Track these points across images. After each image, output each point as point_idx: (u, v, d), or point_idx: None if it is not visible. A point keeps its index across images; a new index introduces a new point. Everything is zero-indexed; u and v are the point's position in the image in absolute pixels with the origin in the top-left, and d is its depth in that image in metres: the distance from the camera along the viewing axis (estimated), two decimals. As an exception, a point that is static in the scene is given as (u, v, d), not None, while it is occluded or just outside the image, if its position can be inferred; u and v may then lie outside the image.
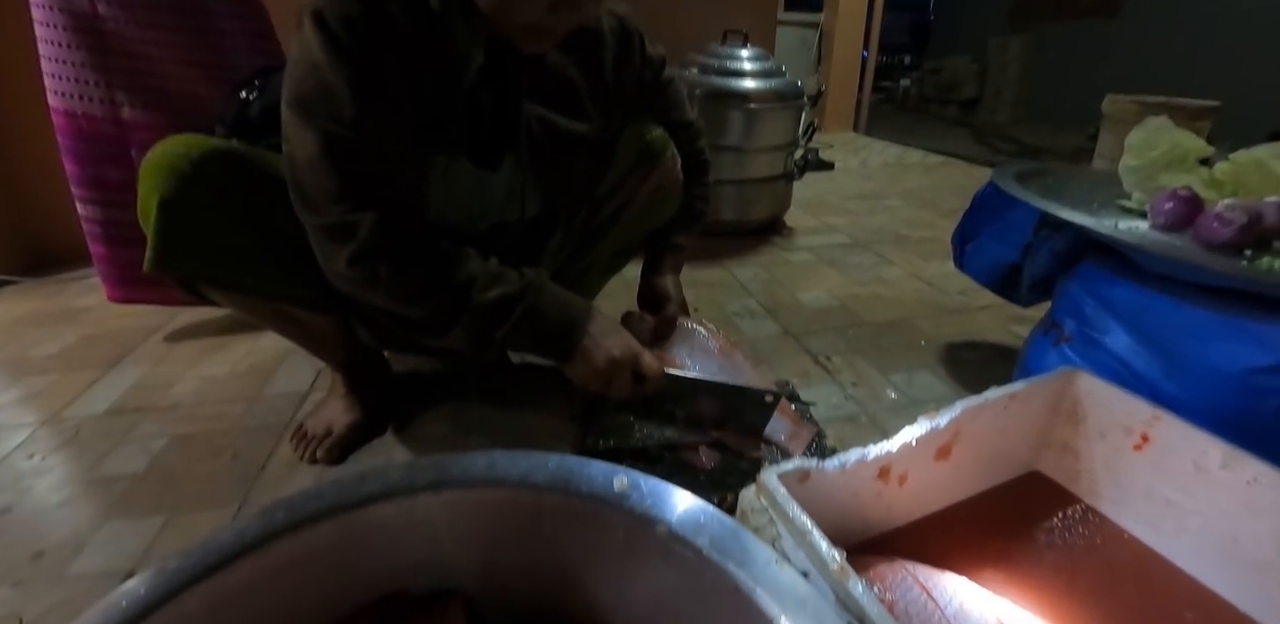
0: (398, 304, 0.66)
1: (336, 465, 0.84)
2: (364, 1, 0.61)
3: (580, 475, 0.48)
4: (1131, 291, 0.79)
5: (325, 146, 0.61)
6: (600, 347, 0.69)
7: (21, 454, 0.92)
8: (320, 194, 0.62)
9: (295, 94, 0.62)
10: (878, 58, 4.18)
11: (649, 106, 0.90)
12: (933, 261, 1.56)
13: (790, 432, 0.83)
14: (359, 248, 0.61)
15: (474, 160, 0.75)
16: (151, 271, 0.68)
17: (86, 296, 1.53)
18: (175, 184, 0.65)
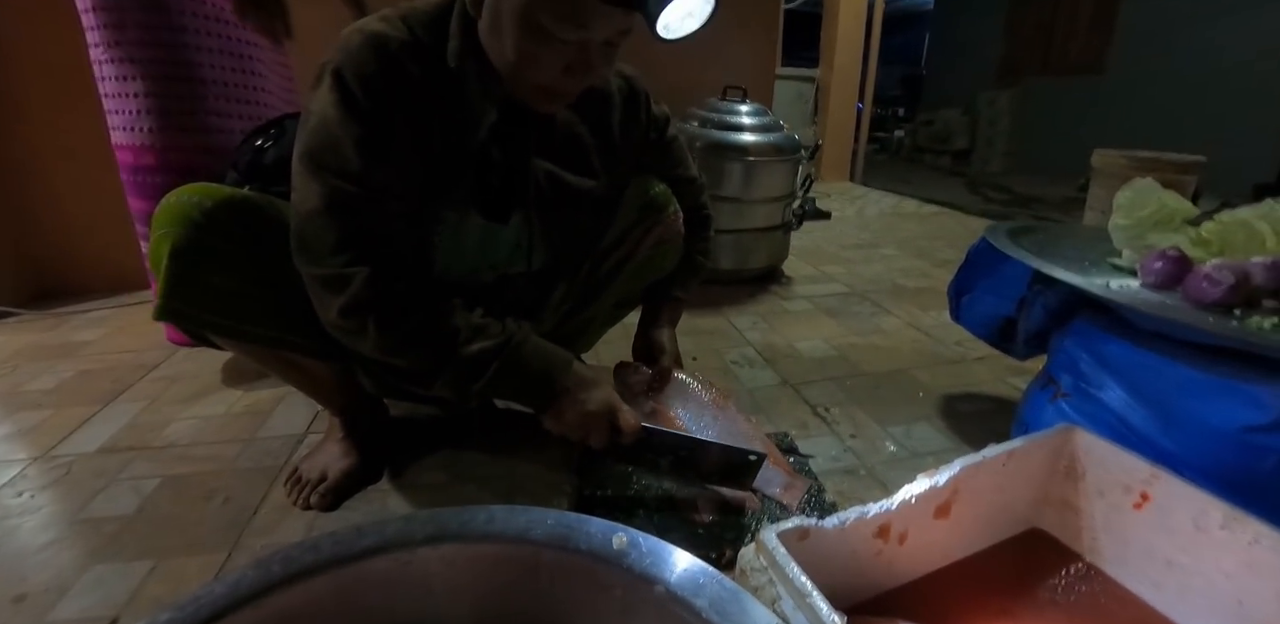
0: (385, 354, 0.68)
1: (330, 512, 0.83)
2: (383, 60, 0.64)
3: (579, 532, 0.47)
4: (1125, 348, 0.80)
5: (328, 200, 0.63)
6: (577, 401, 0.71)
7: (10, 491, 0.90)
8: (319, 246, 0.64)
9: (306, 147, 0.64)
10: (872, 109, 4.33)
11: (653, 163, 0.93)
12: (929, 311, 1.58)
13: (785, 483, 0.83)
14: (350, 300, 0.64)
15: (483, 214, 0.77)
16: (159, 319, 0.70)
17: (86, 331, 1.53)
18: (187, 233, 0.67)
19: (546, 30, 0.61)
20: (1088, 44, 5.14)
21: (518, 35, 0.62)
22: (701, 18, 0.65)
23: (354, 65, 0.63)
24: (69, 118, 1.69)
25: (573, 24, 0.61)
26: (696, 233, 0.99)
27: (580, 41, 0.63)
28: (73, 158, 1.73)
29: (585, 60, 0.65)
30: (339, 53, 0.64)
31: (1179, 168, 2.10)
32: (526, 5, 0.60)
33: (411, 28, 0.66)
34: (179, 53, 1.08)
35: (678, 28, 0.64)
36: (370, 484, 0.88)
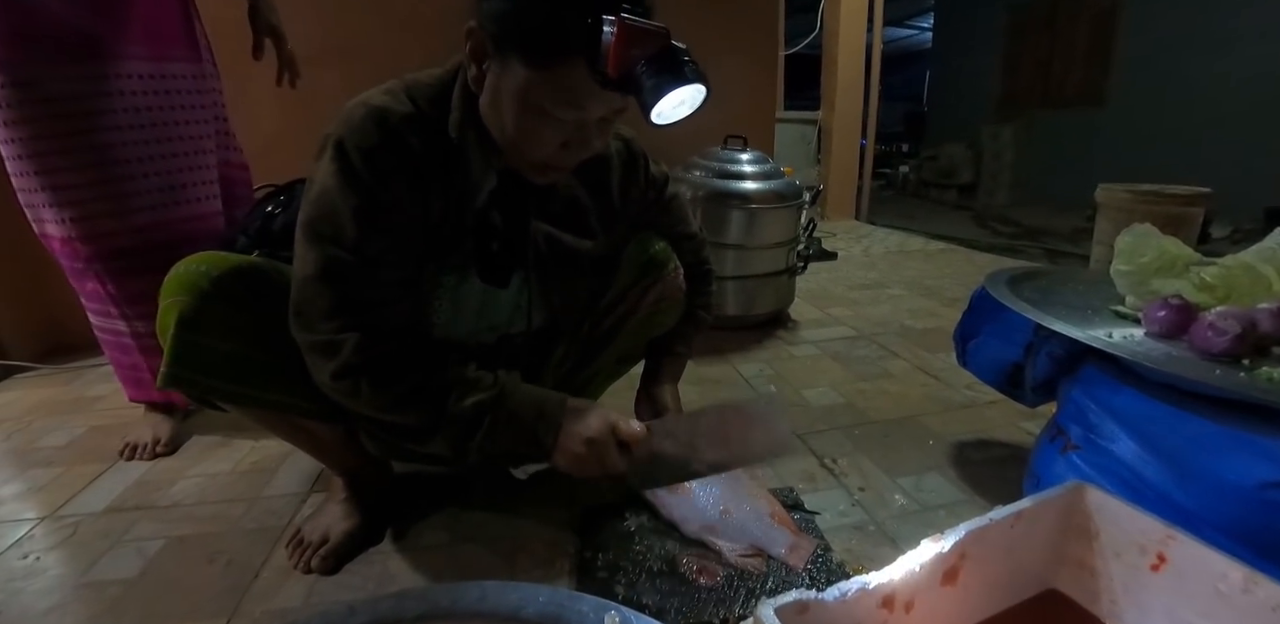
0: (379, 414, 0.69)
1: (330, 576, 0.82)
2: (383, 133, 0.66)
3: (571, 610, 0.47)
4: (1135, 399, 0.78)
5: (324, 268, 0.65)
6: (575, 433, 0.71)
7: (16, 553, 0.91)
8: (313, 312, 0.66)
9: (306, 216, 0.67)
10: (875, 146, 4.40)
11: (654, 221, 0.95)
12: (938, 353, 1.57)
13: (790, 544, 0.81)
14: (340, 365, 0.65)
15: (483, 277, 0.78)
16: (163, 387, 0.71)
17: (99, 386, 1.56)
18: (194, 301, 0.69)
19: (544, 110, 0.63)
20: (1086, 77, 5.24)
21: (516, 114, 0.65)
22: (693, 105, 0.66)
23: (355, 138, 0.65)
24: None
25: (570, 106, 0.63)
26: (698, 287, 1.00)
27: (577, 120, 0.65)
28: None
29: (582, 137, 0.67)
30: (342, 125, 0.66)
31: (1184, 200, 2.10)
32: (525, 87, 0.62)
33: (415, 100, 0.69)
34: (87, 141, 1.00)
35: (670, 115, 0.65)
36: (372, 545, 0.88)
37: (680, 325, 1.00)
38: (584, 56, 0.58)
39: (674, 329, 0.99)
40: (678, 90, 0.60)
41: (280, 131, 1.82)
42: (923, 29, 9.54)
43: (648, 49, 0.58)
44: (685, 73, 0.60)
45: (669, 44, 0.59)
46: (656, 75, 0.58)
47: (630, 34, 0.57)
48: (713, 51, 2.15)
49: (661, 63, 0.58)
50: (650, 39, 0.58)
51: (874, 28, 3.92)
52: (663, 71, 0.58)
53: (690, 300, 0.99)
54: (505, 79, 0.64)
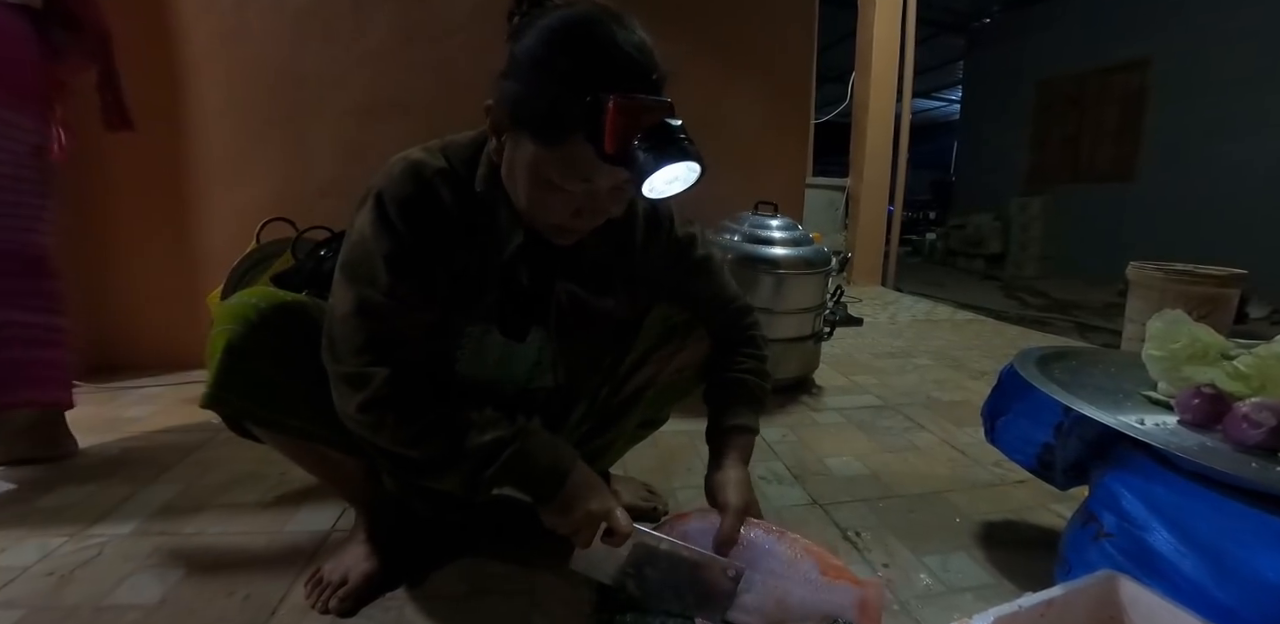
0: (399, 446, 0.71)
1: (346, 618, 0.82)
2: (418, 186, 0.71)
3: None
4: (1170, 488, 0.77)
5: (358, 306, 0.70)
6: (579, 498, 0.72)
7: (44, 568, 0.92)
8: (346, 346, 0.70)
9: (345, 258, 0.72)
10: (903, 213, 4.46)
11: (684, 286, 0.92)
12: (965, 428, 1.55)
13: (858, 600, 0.75)
14: (370, 396, 0.69)
15: (502, 330, 0.82)
16: (205, 406, 0.76)
17: (136, 407, 1.60)
18: (242, 330, 0.74)
19: (554, 183, 0.67)
20: (1116, 153, 5.32)
21: (528, 185, 0.69)
22: (687, 182, 0.67)
23: (393, 189, 0.71)
24: (150, 209, 1.89)
25: (576, 179, 0.66)
26: (749, 355, 0.94)
27: (586, 190, 0.68)
28: (150, 242, 1.90)
29: (594, 205, 0.70)
30: (383, 177, 0.72)
31: (1219, 281, 2.07)
32: (535, 161, 0.66)
33: (449, 158, 0.74)
34: None
35: (663, 190, 0.66)
36: (390, 590, 0.87)
37: (736, 398, 0.91)
38: (584, 133, 0.61)
39: (731, 403, 0.91)
40: (669, 167, 0.62)
41: (335, 179, 1.93)
42: (951, 101, 9.84)
43: (641, 126, 0.60)
44: (677, 150, 0.61)
45: (663, 121, 0.61)
46: (649, 151, 0.60)
47: (623, 111, 0.59)
48: (748, 121, 2.27)
49: (654, 139, 0.60)
50: (644, 116, 0.60)
51: (903, 99, 4.07)
52: (655, 148, 0.60)
53: (738, 367, 0.92)
54: (518, 153, 0.68)
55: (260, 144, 1.92)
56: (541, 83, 0.63)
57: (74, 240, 1.82)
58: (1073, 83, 5.74)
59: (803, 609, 0.77)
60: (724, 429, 0.89)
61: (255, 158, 1.92)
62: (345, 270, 0.72)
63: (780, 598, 0.77)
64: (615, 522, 0.72)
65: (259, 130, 1.91)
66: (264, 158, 1.92)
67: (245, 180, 1.91)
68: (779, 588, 0.77)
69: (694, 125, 2.00)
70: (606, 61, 0.62)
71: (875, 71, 3.91)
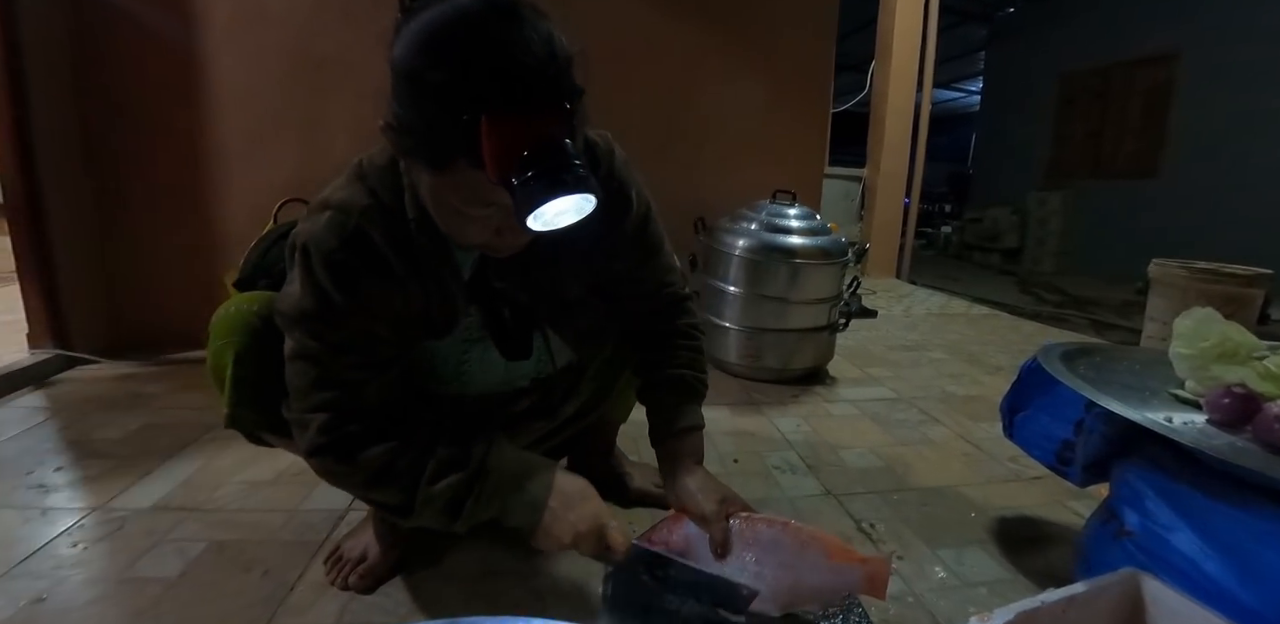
0: (358, 492, 0.70)
1: (365, 595, 0.83)
2: (344, 238, 0.64)
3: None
4: (1196, 487, 0.76)
5: (296, 351, 0.66)
6: (563, 521, 0.69)
7: (66, 541, 0.94)
8: (292, 390, 0.67)
9: (278, 306, 0.68)
10: (919, 205, 4.41)
11: (632, 268, 0.86)
12: (980, 423, 1.54)
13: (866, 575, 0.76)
14: (309, 444, 0.66)
15: (505, 354, 0.80)
16: (231, 427, 0.74)
17: (156, 384, 1.62)
18: (249, 340, 0.72)
19: (458, 209, 0.60)
20: (1139, 148, 5.21)
21: (436, 211, 0.63)
22: (580, 212, 0.57)
23: (315, 243, 0.64)
24: (170, 189, 1.90)
25: (479, 204, 0.59)
26: (685, 346, 0.89)
27: (500, 210, 0.59)
28: (170, 222, 1.91)
29: (513, 224, 0.59)
30: (308, 226, 0.66)
31: (1244, 280, 2.04)
32: (432, 188, 0.60)
33: (372, 189, 0.67)
34: None
35: (552, 222, 0.56)
36: (407, 570, 0.88)
37: (680, 395, 0.87)
38: (466, 157, 0.53)
39: (676, 402, 0.87)
40: (553, 202, 0.52)
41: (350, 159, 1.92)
42: (970, 92, 9.68)
43: (519, 149, 0.50)
44: (560, 181, 0.51)
45: (542, 145, 0.51)
46: (529, 182, 0.50)
47: (497, 133, 0.50)
48: (767, 108, 2.25)
49: (533, 167, 0.50)
50: (522, 138, 0.51)
51: (923, 88, 4.00)
52: (536, 177, 0.50)
53: (673, 363, 0.88)
54: (418, 178, 0.62)
55: (278, 126, 1.92)
56: (415, 100, 0.55)
57: (93, 218, 1.84)
58: (1097, 76, 5.61)
59: (815, 593, 0.78)
60: (674, 432, 0.85)
61: (273, 139, 1.92)
62: (280, 317, 0.68)
63: (792, 585, 0.78)
64: (610, 541, 0.69)
65: (277, 112, 1.91)
66: (282, 139, 1.92)
67: (263, 162, 1.91)
68: (789, 576, 0.78)
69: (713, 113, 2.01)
70: (481, 71, 0.51)
71: (896, 60, 3.84)
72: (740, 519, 0.80)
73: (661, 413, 0.87)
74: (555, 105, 0.53)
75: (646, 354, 0.90)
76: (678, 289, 0.91)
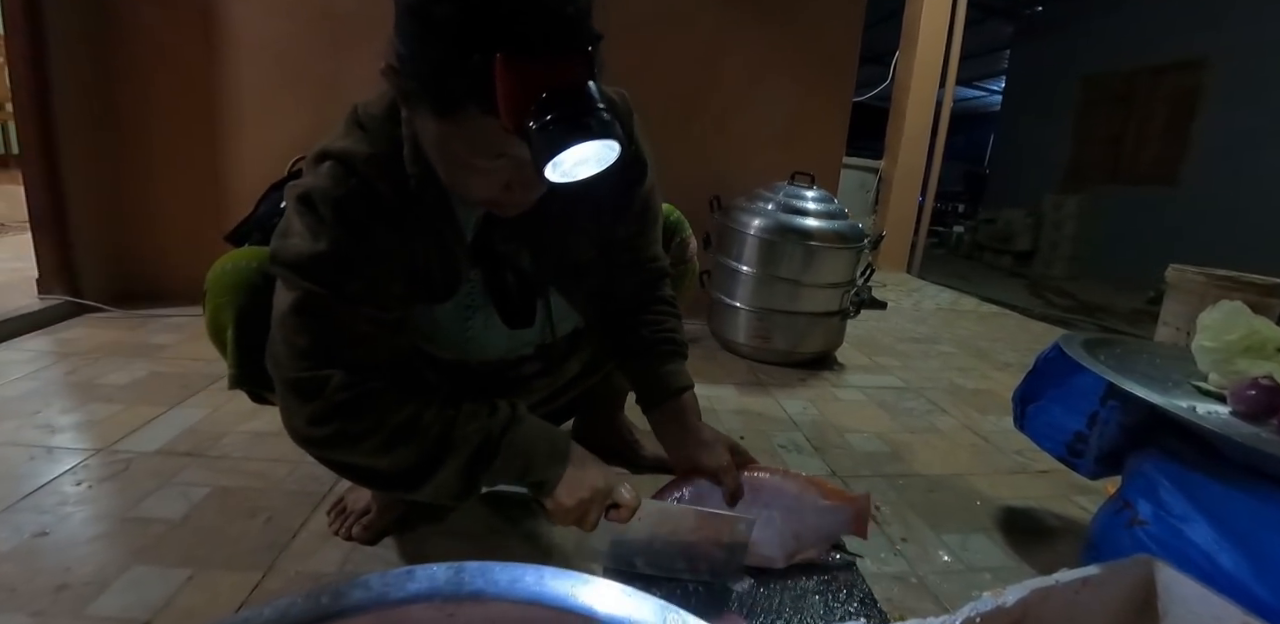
0: (365, 459, 0.63)
1: (368, 546, 0.83)
2: (353, 183, 0.61)
3: (633, 605, 0.46)
4: (1213, 478, 0.75)
5: (302, 303, 0.60)
6: (577, 483, 0.67)
7: (70, 479, 0.94)
8: (291, 349, 0.61)
9: (282, 255, 0.61)
10: (933, 204, 4.37)
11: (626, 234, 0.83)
12: (988, 416, 1.52)
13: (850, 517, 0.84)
14: (324, 405, 0.60)
15: (508, 323, 0.78)
16: (235, 388, 0.72)
17: (164, 334, 1.62)
18: (249, 298, 0.68)
19: (465, 160, 0.57)
20: (1160, 156, 5.14)
21: (440, 163, 0.59)
22: (601, 163, 0.53)
23: (320, 190, 0.60)
24: (183, 142, 1.88)
25: (488, 155, 0.55)
26: (665, 312, 0.88)
27: (510, 162, 0.56)
28: (183, 175, 1.90)
29: (524, 178, 0.58)
30: (308, 176, 0.62)
31: (1264, 289, 2.02)
32: (438, 137, 0.56)
33: (370, 137, 0.63)
34: None
35: (572, 172, 0.52)
36: (411, 525, 0.88)
37: (669, 356, 0.86)
38: (476, 103, 0.50)
39: (666, 362, 0.86)
40: (574, 148, 0.48)
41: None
42: (992, 91, 9.57)
43: (537, 93, 0.47)
44: (584, 126, 0.48)
45: (563, 88, 0.48)
46: (548, 127, 0.47)
47: (513, 75, 0.46)
48: (790, 91, 2.22)
49: (552, 111, 0.47)
50: (540, 81, 0.47)
51: (946, 83, 3.94)
52: (555, 122, 0.47)
53: (659, 327, 0.86)
54: (422, 127, 0.58)
55: (295, 81, 1.89)
56: (421, 38, 0.50)
57: (107, 169, 1.83)
58: (1122, 79, 5.52)
59: (815, 535, 0.83)
60: (671, 391, 0.84)
61: (289, 95, 1.89)
62: (283, 267, 0.61)
63: (797, 530, 0.82)
64: (620, 496, 0.69)
65: (294, 68, 1.88)
66: (298, 96, 1.89)
67: (278, 117, 1.89)
68: (795, 521, 0.82)
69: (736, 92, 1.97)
70: (495, 6, 0.47)
71: (920, 51, 3.78)
72: (744, 469, 0.85)
73: (653, 376, 0.85)
74: (576, 46, 0.49)
75: (629, 321, 0.87)
76: (663, 263, 0.89)
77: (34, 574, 0.73)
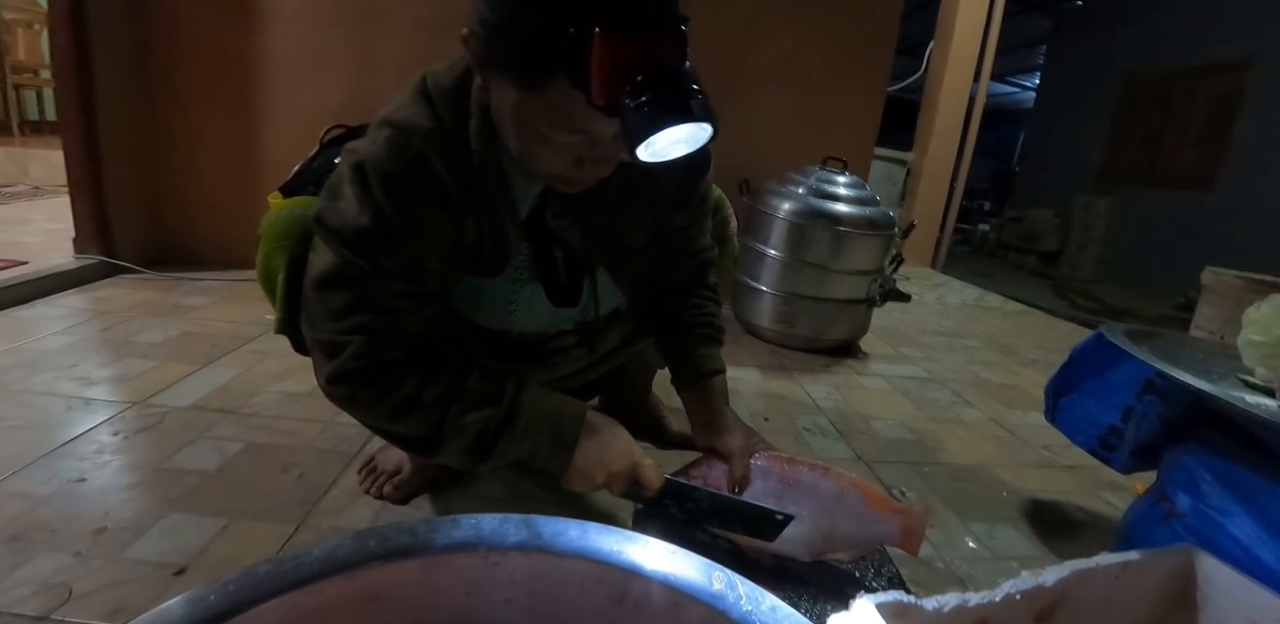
0: (379, 423, 0.66)
1: (399, 505, 0.84)
2: (407, 159, 0.60)
3: (676, 564, 0.46)
4: (1257, 473, 0.74)
5: (338, 269, 0.61)
6: (596, 459, 0.67)
7: (108, 429, 0.96)
8: (322, 310, 0.62)
9: (328, 219, 0.62)
10: (960, 201, 4.30)
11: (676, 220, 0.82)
12: (1015, 410, 1.51)
13: (900, 527, 0.75)
14: (338, 368, 0.61)
15: (554, 300, 0.78)
16: (282, 332, 0.71)
17: (196, 297, 1.64)
18: (301, 244, 0.67)
19: (542, 132, 0.56)
20: (1198, 159, 5.01)
21: (516, 133, 0.58)
22: (694, 144, 0.52)
23: (376, 160, 0.60)
24: (217, 111, 1.89)
25: (566, 129, 0.55)
26: (708, 298, 0.89)
27: (586, 139, 0.56)
28: (216, 142, 1.91)
29: (598, 154, 0.58)
30: (366, 144, 0.62)
31: (1303, 297, 1.97)
32: (517, 107, 0.55)
33: (436, 109, 0.62)
34: None
35: (663, 152, 0.52)
36: (440, 486, 0.89)
37: (706, 340, 0.87)
38: (568, 76, 0.49)
39: (701, 346, 0.87)
40: (670, 130, 0.48)
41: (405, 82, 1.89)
42: (1025, 87, 9.38)
43: (636, 69, 0.46)
44: (677, 107, 0.47)
45: (664, 67, 0.47)
46: (645, 106, 0.46)
47: (612, 50, 0.45)
48: (825, 75, 2.18)
49: (650, 91, 0.46)
50: (640, 56, 0.46)
51: (981, 77, 3.86)
52: (654, 102, 0.46)
53: (701, 311, 0.88)
54: (500, 95, 0.57)
55: (328, 49, 1.89)
56: (514, 8, 0.50)
57: (145, 134, 1.84)
58: (1161, 79, 5.37)
59: (849, 540, 0.77)
60: (704, 373, 0.85)
61: (323, 63, 1.89)
62: (325, 230, 0.62)
63: (828, 531, 0.77)
64: (644, 477, 0.68)
65: (328, 35, 1.88)
66: (331, 64, 1.89)
67: (311, 85, 1.89)
68: (827, 522, 0.77)
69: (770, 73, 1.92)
70: None
71: (956, 41, 3.69)
72: (777, 460, 0.79)
73: (687, 358, 0.86)
74: (674, 24, 0.48)
75: (670, 305, 0.88)
76: (712, 253, 0.90)
77: (73, 517, 0.75)
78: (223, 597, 0.39)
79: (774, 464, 0.79)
